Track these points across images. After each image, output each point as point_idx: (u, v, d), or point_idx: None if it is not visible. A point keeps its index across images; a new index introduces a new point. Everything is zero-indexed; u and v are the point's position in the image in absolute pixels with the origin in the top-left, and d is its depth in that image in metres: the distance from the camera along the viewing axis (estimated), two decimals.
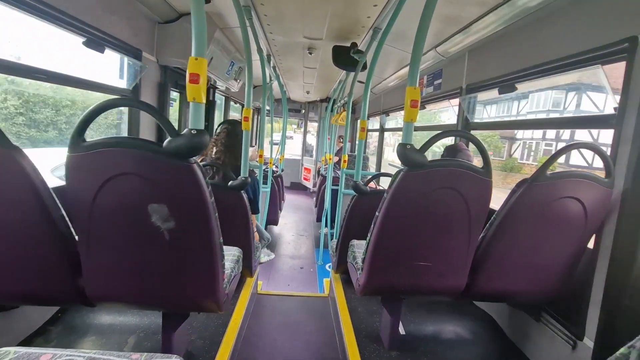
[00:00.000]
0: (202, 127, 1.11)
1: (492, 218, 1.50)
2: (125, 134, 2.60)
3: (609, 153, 1.38)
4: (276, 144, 5.71)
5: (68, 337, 1.66)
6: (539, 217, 1.43)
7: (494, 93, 2.20)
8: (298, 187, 8.81)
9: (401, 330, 1.91)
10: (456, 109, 2.71)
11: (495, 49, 2.20)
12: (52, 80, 1.89)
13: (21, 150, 1.09)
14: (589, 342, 1.41)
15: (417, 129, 1.44)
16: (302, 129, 9.05)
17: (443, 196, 1.38)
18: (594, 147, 1.39)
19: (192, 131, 1.07)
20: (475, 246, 1.51)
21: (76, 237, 1.21)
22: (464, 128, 2.55)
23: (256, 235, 2.40)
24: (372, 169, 6.00)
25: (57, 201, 1.19)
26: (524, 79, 1.95)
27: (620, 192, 1.34)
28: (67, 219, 1.23)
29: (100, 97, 2.27)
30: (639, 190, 1.28)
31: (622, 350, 0.41)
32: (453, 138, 2.60)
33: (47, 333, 1.66)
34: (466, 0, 1.95)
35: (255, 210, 2.25)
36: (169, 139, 1.08)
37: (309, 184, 8.35)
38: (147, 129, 2.65)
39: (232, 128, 2.15)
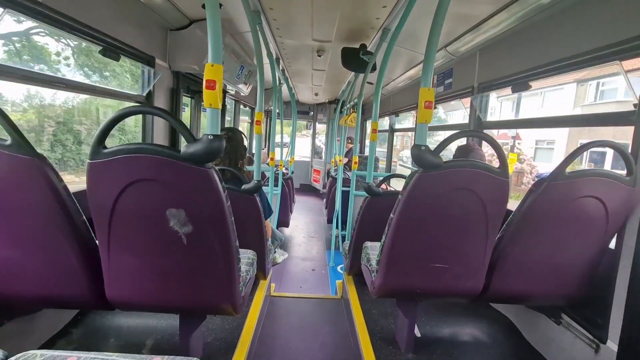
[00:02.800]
0: (219, 132, 1.13)
1: (510, 219, 1.48)
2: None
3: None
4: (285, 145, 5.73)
5: (89, 339, 1.69)
6: (558, 217, 1.40)
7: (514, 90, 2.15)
8: (308, 189, 8.83)
9: (417, 333, 1.89)
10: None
11: (507, 47, 2.17)
12: (67, 89, 1.94)
13: (45, 158, 1.12)
14: (612, 345, 1.38)
15: (429, 128, 1.42)
16: (311, 130, 9.06)
17: (459, 197, 1.37)
18: (614, 145, 1.36)
19: (209, 136, 1.08)
20: (493, 247, 1.49)
21: (97, 242, 1.24)
22: (477, 127, 2.52)
23: (268, 232, 2.40)
24: (381, 169, 5.98)
25: (79, 207, 1.22)
26: (538, 77, 1.92)
27: None
28: (88, 224, 1.26)
29: None
30: None
31: None
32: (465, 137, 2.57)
33: (69, 335, 1.70)
34: None
35: (267, 215, 2.26)
36: (186, 144, 1.09)
37: (318, 186, 8.36)
38: (160, 134, 2.69)
39: (233, 134, 2.17)
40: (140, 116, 2.61)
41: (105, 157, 1.10)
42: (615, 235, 1.44)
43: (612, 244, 1.46)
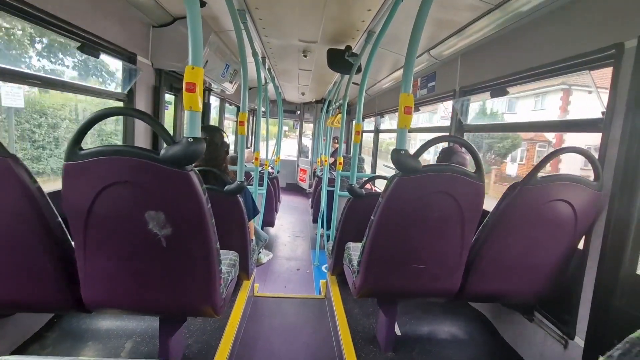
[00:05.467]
0: (199, 135, 1.12)
1: (485, 221, 1.53)
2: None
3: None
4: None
5: (64, 343, 1.65)
6: (531, 220, 1.46)
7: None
8: (294, 188, 8.82)
9: (397, 332, 1.93)
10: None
11: (487, 52, 2.23)
12: (46, 86, 1.89)
13: (18, 158, 1.09)
14: (579, 341, 1.45)
15: (411, 130, 1.46)
16: (298, 129, 9.05)
17: (437, 200, 1.41)
18: (583, 151, 1.42)
19: (189, 139, 1.08)
20: (469, 248, 1.53)
21: (72, 244, 1.22)
22: (458, 130, 2.58)
23: (251, 233, 2.38)
24: (367, 169, 6.03)
25: (54, 208, 1.20)
26: (515, 83, 1.98)
27: (609, 195, 1.38)
28: (63, 225, 1.23)
29: None
30: (626, 192, 1.32)
31: (601, 359, 0.43)
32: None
33: (43, 339, 1.66)
34: (459, 5, 1.98)
35: (251, 216, 2.24)
36: (165, 147, 1.08)
37: (305, 185, 8.36)
38: (142, 136, 2.64)
39: (211, 137, 2.08)
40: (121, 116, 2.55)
41: (82, 159, 1.08)
42: (584, 237, 1.51)
43: (581, 245, 1.53)
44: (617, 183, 1.34)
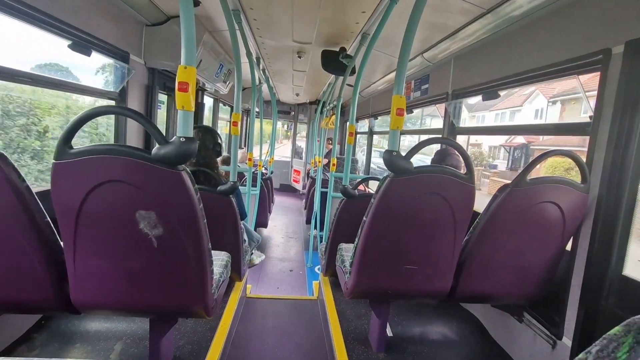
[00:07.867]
0: (191, 134, 1.12)
1: (476, 222, 1.55)
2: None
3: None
4: None
5: (52, 345, 1.63)
6: (520, 221, 1.48)
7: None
8: (287, 189, 8.81)
9: (389, 332, 1.94)
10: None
11: (479, 56, 2.26)
12: (36, 84, 1.86)
13: (5, 156, 1.07)
14: (567, 341, 1.47)
15: (404, 132, 1.47)
16: (292, 130, 9.05)
17: (428, 201, 1.42)
18: (571, 154, 1.45)
19: (181, 139, 1.07)
20: (460, 249, 1.55)
21: (62, 244, 1.20)
22: (450, 133, 2.61)
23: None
24: (361, 170, 6.05)
25: (42, 208, 1.18)
26: (506, 86, 2.01)
27: (596, 197, 1.40)
28: (52, 225, 1.21)
29: None
30: (613, 194, 1.35)
31: (580, 355, 0.44)
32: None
33: (31, 341, 1.63)
34: (452, 9, 2.00)
35: (242, 216, 2.24)
36: (157, 146, 1.08)
37: (298, 186, 8.35)
38: (134, 135, 2.61)
39: (203, 139, 2.07)
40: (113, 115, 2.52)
41: (72, 158, 1.07)
42: (571, 238, 1.53)
43: (569, 247, 1.56)
44: (604, 185, 1.37)
